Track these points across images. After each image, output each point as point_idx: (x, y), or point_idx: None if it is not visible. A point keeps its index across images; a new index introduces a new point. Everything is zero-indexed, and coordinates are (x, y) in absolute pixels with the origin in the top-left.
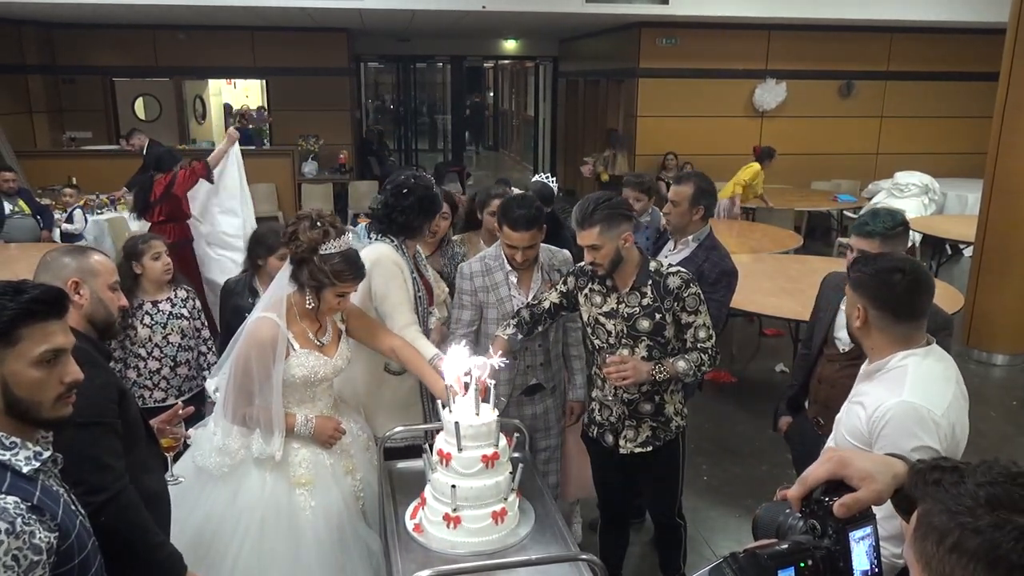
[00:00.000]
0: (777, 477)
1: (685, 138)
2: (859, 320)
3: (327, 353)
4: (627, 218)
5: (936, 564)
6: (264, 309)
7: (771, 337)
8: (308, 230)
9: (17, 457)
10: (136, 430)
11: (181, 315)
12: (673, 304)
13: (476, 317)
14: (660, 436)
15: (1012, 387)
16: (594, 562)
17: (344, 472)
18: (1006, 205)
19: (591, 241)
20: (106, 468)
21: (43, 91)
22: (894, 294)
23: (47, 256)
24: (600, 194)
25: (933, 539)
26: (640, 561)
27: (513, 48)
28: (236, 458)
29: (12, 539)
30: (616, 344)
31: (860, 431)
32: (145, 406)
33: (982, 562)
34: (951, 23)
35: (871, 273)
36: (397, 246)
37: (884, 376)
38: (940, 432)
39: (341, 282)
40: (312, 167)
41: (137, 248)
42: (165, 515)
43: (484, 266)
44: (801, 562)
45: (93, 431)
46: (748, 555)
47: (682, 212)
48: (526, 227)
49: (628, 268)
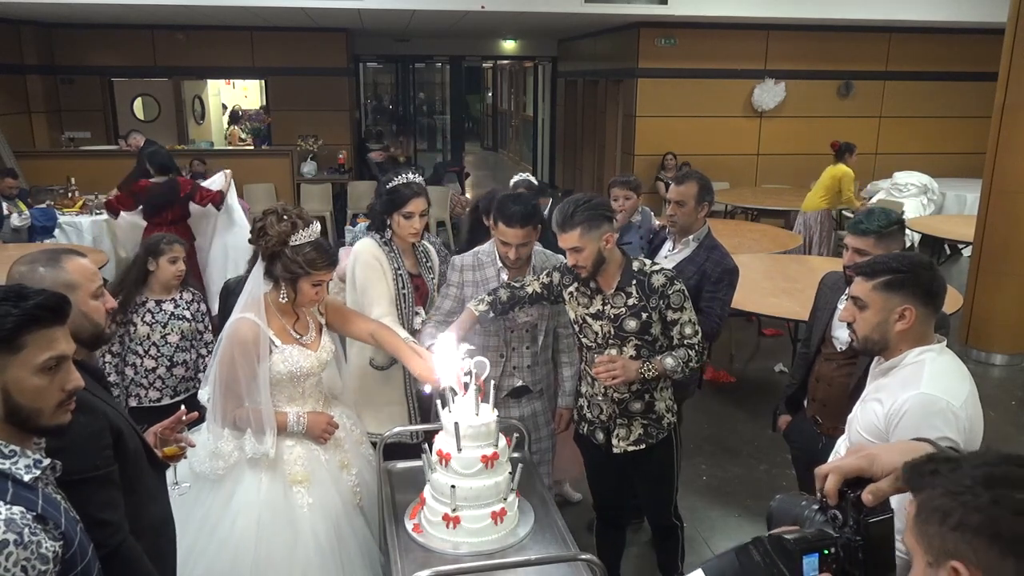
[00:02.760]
0: (776, 477)
1: (684, 138)
2: (906, 323)
3: (310, 347)
4: (608, 219)
5: (939, 543)
6: (242, 310)
7: (770, 337)
8: (276, 224)
9: (17, 466)
10: (139, 462)
11: (183, 316)
12: (659, 303)
13: (456, 310)
14: (653, 434)
15: (1011, 387)
16: (594, 562)
17: (339, 467)
18: (1005, 205)
19: (572, 243)
20: (102, 525)
21: (42, 91)
22: (938, 287)
23: (19, 266)
24: (580, 196)
25: (936, 520)
26: (639, 561)
27: (512, 48)
28: (230, 460)
29: (20, 550)
30: (604, 345)
31: (877, 427)
32: (140, 405)
33: (984, 536)
34: (950, 23)
35: (909, 271)
36: (381, 242)
37: (900, 372)
38: (959, 424)
39: (315, 270)
40: (311, 167)
41: (159, 247)
42: (171, 540)
43: (476, 260)
44: (825, 549)
45: (86, 489)
46: (774, 539)
47: (689, 211)
48: (521, 223)
49: (611, 269)
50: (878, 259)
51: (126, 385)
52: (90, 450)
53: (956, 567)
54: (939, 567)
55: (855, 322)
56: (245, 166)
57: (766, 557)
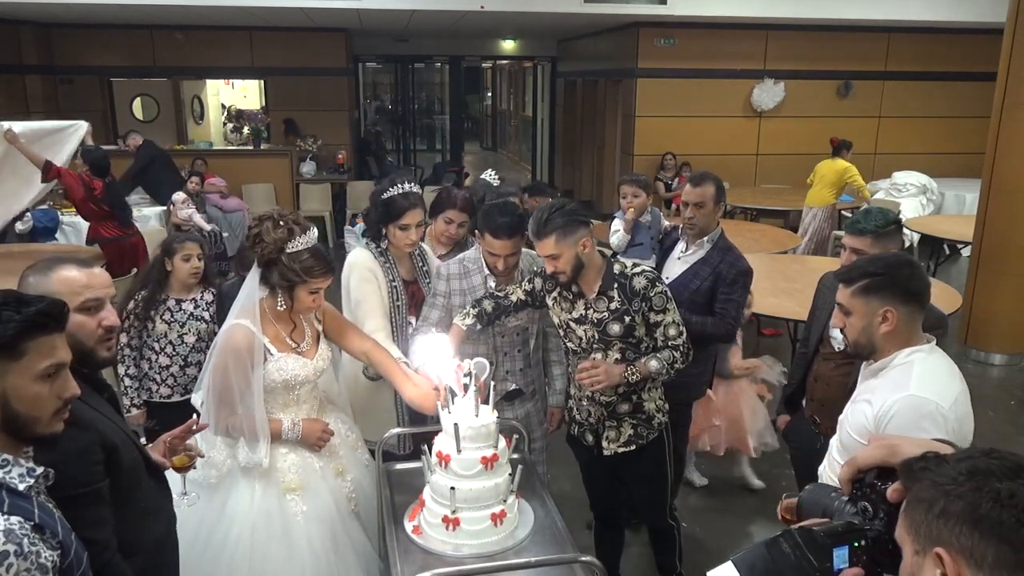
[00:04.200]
0: (776, 476)
1: (683, 138)
2: (888, 324)
3: (306, 355)
4: (584, 224)
5: (925, 530)
6: (236, 316)
7: (769, 337)
8: (272, 230)
9: (11, 475)
10: (135, 475)
11: (202, 317)
12: (641, 305)
13: (444, 317)
14: (643, 434)
15: (1010, 387)
16: (593, 564)
17: (334, 474)
18: (1004, 205)
19: (549, 251)
20: (89, 543)
21: (41, 91)
22: (918, 285)
23: (25, 270)
24: (554, 202)
25: (922, 508)
26: (639, 561)
27: (511, 48)
28: (223, 469)
29: (21, 560)
30: (589, 349)
31: (867, 428)
32: (151, 400)
33: (966, 522)
34: (949, 23)
35: (885, 273)
36: (377, 252)
37: (890, 373)
38: (948, 425)
39: (313, 278)
40: (310, 167)
41: (172, 246)
42: (172, 555)
43: (462, 268)
44: (855, 541)
45: (73, 506)
46: (804, 532)
47: (708, 212)
48: (508, 235)
49: (591, 274)
50: (855, 264)
51: (140, 378)
52: (78, 466)
53: (940, 553)
54: (925, 555)
55: (845, 328)
56: (244, 166)
57: (796, 550)
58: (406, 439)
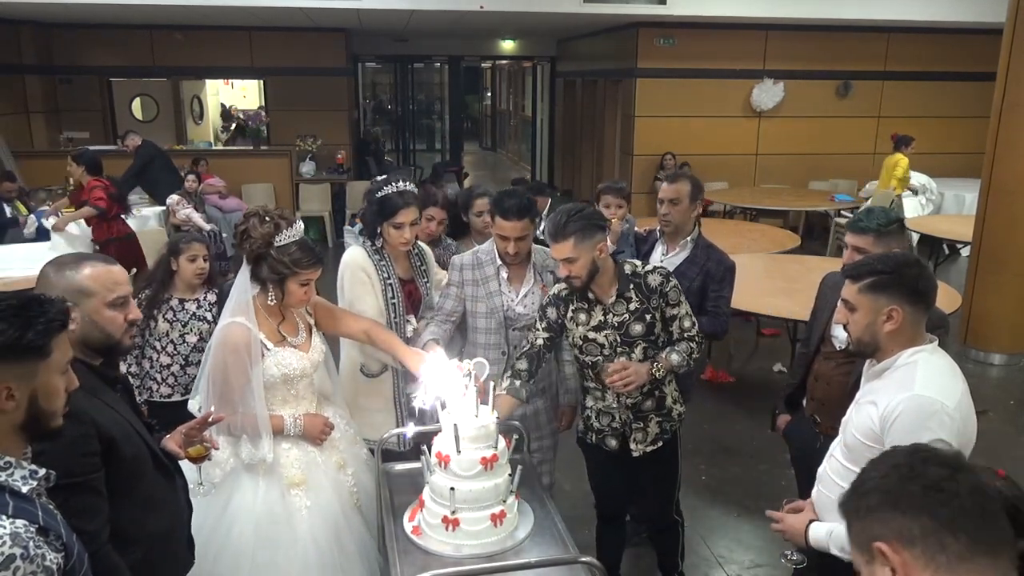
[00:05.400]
0: (776, 476)
1: (683, 138)
2: (893, 323)
3: (301, 348)
4: (601, 228)
5: (863, 537)
6: (231, 314)
7: (769, 337)
8: (259, 226)
9: (13, 477)
10: (138, 467)
11: (204, 318)
12: (659, 301)
13: (457, 309)
14: (667, 428)
15: (1010, 387)
16: (593, 564)
17: (336, 468)
18: (1003, 205)
19: (566, 254)
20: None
21: (40, 91)
22: (925, 286)
23: (46, 267)
24: (572, 206)
25: (854, 519)
26: (639, 560)
27: (511, 48)
28: (226, 467)
29: (27, 564)
30: (611, 354)
31: (872, 430)
32: (151, 399)
33: (886, 508)
34: (948, 23)
35: (894, 272)
36: (372, 250)
37: (894, 373)
38: (954, 425)
39: (302, 269)
40: (310, 167)
41: (178, 247)
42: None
43: (475, 259)
44: None
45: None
46: None
47: (684, 209)
48: (518, 216)
49: (605, 278)
50: (863, 261)
51: (141, 377)
52: (68, 456)
53: (880, 547)
54: (872, 560)
55: (848, 324)
56: (244, 166)
57: None
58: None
